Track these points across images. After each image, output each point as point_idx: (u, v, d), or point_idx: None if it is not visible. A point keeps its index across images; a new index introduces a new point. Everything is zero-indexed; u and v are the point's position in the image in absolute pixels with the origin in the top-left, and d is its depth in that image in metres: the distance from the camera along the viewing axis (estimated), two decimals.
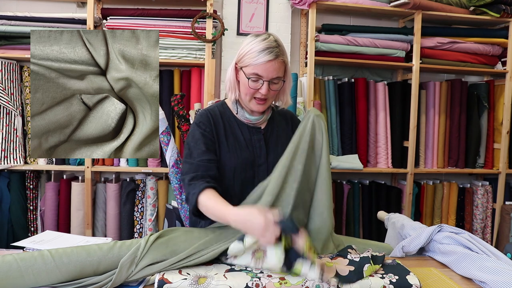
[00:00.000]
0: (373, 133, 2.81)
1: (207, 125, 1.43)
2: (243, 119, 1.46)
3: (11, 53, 2.47)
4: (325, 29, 2.74)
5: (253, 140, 1.45)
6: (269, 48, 1.34)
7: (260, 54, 1.34)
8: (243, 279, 1.04)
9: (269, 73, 1.35)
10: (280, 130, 1.52)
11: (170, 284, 1.01)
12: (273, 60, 1.34)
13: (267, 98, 1.39)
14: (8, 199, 2.54)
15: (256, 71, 1.35)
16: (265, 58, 1.33)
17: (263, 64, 1.34)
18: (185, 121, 2.25)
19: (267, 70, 1.34)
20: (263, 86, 1.36)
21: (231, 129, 1.45)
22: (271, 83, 1.37)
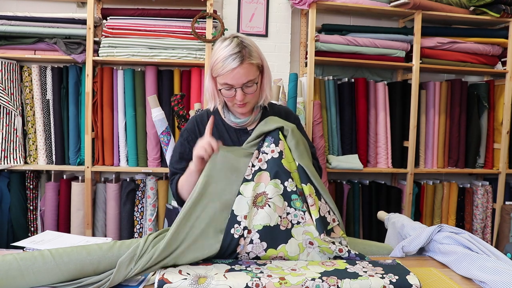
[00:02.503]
0: (373, 133, 2.81)
1: (190, 133, 1.48)
2: (230, 122, 1.46)
3: (11, 53, 2.47)
4: (325, 29, 2.74)
5: (241, 142, 1.43)
6: (232, 55, 1.29)
7: (225, 62, 1.30)
8: (243, 279, 1.04)
9: (238, 80, 1.31)
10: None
11: (170, 284, 1.01)
12: (238, 66, 1.29)
13: (246, 101, 1.37)
14: (8, 199, 2.54)
15: (225, 81, 1.32)
16: (230, 66, 1.29)
17: (229, 73, 1.30)
18: (185, 121, 2.25)
19: (235, 78, 1.31)
20: (237, 93, 1.33)
21: (218, 133, 1.46)
22: (245, 87, 1.33)
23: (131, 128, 2.60)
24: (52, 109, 2.58)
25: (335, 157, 2.72)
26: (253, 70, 1.33)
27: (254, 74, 1.34)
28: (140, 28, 2.52)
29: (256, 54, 1.35)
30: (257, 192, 1.23)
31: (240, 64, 1.29)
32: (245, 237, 1.17)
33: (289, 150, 1.31)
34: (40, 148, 2.58)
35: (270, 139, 1.31)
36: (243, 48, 1.31)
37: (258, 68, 1.36)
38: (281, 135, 1.32)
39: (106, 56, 2.50)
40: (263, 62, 1.39)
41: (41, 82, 2.58)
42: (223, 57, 1.30)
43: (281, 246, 1.18)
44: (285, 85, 2.64)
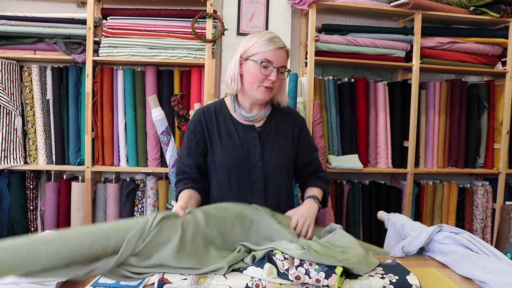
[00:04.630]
0: (373, 133, 2.81)
1: (197, 125, 1.49)
2: (240, 117, 1.48)
3: (11, 53, 2.47)
4: (325, 29, 2.74)
5: (248, 139, 1.46)
6: (276, 38, 1.42)
7: (270, 42, 1.40)
8: (243, 279, 1.04)
9: (279, 60, 1.40)
10: (279, 128, 1.53)
11: (170, 284, 1.01)
12: (281, 48, 1.41)
13: (273, 87, 1.42)
14: (8, 199, 2.54)
15: (267, 57, 1.39)
16: (275, 45, 1.40)
17: (273, 51, 1.39)
18: (185, 121, 2.25)
19: (277, 57, 1.40)
20: (273, 72, 1.39)
21: (225, 127, 1.48)
22: (279, 72, 1.41)
23: (131, 128, 2.60)
24: (52, 109, 2.58)
25: (335, 157, 2.72)
26: (287, 59, 1.45)
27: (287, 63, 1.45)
28: (140, 28, 2.52)
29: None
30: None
31: (284, 47, 1.43)
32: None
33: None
34: (40, 148, 2.58)
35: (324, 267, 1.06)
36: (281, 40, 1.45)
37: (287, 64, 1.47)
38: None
39: (106, 56, 2.50)
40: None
41: (41, 82, 2.58)
42: (268, 37, 1.41)
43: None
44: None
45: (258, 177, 1.45)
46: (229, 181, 1.45)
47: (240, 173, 1.44)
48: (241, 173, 1.45)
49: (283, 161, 1.50)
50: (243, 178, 1.45)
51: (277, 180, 1.49)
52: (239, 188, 1.45)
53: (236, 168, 1.44)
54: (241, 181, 1.45)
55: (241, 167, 1.44)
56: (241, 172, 1.44)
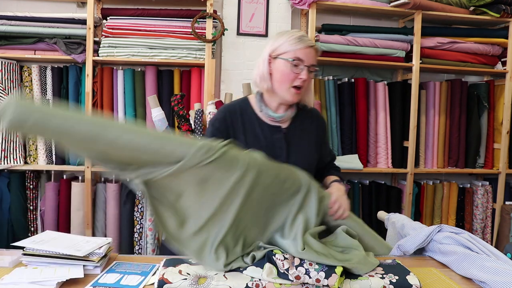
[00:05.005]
0: (373, 133, 2.81)
1: (222, 123, 1.44)
2: (266, 117, 1.45)
3: (11, 53, 2.47)
4: (325, 29, 2.74)
5: (274, 140, 1.43)
6: (306, 36, 1.40)
7: (300, 40, 1.37)
8: (243, 279, 1.04)
9: (309, 58, 1.38)
10: (304, 130, 1.50)
11: (170, 284, 1.01)
12: (311, 47, 1.39)
13: (303, 86, 1.40)
14: (8, 199, 2.54)
15: (297, 55, 1.37)
16: (306, 44, 1.38)
17: (303, 49, 1.37)
18: (185, 121, 2.25)
19: (308, 55, 1.38)
20: (304, 71, 1.37)
21: (251, 128, 1.44)
22: (309, 70, 1.39)
23: None
24: None
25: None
26: (316, 58, 1.42)
27: (316, 63, 1.42)
28: (140, 28, 2.52)
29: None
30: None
31: (314, 46, 1.40)
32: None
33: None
34: (40, 148, 2.58)
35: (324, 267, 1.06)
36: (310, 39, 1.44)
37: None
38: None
39: (106, 56, 2.50)
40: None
41: (41, 82, 2.58)
42: (298, 36, 1.38)
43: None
44: None
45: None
46: None
47: None
48: None
49: (308, 163, 1.46)
50: None
51: None
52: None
53: None
54: None
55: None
56: None
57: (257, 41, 2.76)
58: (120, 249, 2.61)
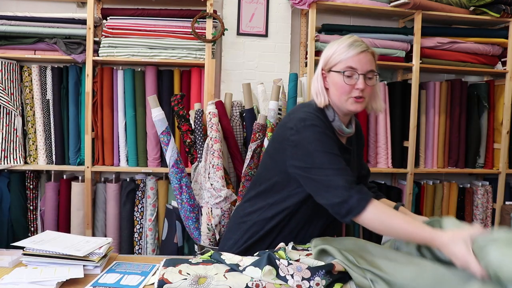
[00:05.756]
0: (373, 133, 2.81)
1: (325, 128, 1.27)
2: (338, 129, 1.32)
3: (11, 53, 2.47)
4: (325, 29, 2.74)
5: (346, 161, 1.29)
6: (357, 41, 1.30)
7: (350, 47, 1.28)
8: (243, 279, 1.04)
9: (363, 65, 1.28)
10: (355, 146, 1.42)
11: (170, 284, 1.01)
12: (364, 51, 1.29)
13: (364, 96, 1.29)
14: (8, 199, 2.54)
15: (349, 64, 1.27)
16: (357, 50, 1.28)
17: (355, 56, 1.27)
18: (185, 121, 2.25)
19: (361, 62, 1.28)
20: (359, 80, 1.27)
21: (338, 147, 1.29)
22: (366, 78, 1.29)
23: (131, 128, 2.60)
24: (52, 109, 2.58)
25: None
26: (374, 62, 1.32)
27: (375, 67, 1.32)
28: (140, 28, 2.52)
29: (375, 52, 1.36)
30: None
31: (366, 50, 1.30)
32: None
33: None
34: (40, 148, 2.58)
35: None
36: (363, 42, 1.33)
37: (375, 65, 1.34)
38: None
39: (106, 56, 2.50)
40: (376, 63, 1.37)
41: (41, 82, 2.58)
42: (347, 43, 1.29)
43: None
44: (285, 85, 2.63)
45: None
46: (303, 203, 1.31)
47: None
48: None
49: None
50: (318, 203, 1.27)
51: None
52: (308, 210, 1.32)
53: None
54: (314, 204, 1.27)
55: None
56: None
57: (257, 41, 2.76)
58: (120, 249, 2.61)
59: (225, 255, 1.14)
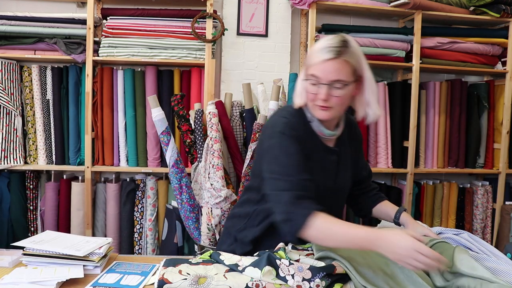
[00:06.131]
0: (373, 133, 2.81)
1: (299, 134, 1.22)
2: (319, 132, 1.27)
3: (11, 53, 2.47)
4: (325, 29, 2.74)
5: (327, 162, 1.28)
6: (330, 47, 1.16)
7: (320, 53, 1.17)
8: (243, 279, 1.04)
9: (327, 74, 1.16)
10: (347, 147, 1.36)
11: (170, 284, 1.01)
12: (330, 59, 1.15)
13: (330, 105, 1.19)
14: (8, 199, 2.54)
15: (313, 72, 1.18)
16: (323, 57, 1.16)
17: (320, 64, 1.16)
18: (185, 121, 2.25)
19: (325, 71, 1.16)
20: (322, 89, 1.17)
21: (311, 148, 1.25)
22: (332, 87, 1.17)
23: (131, 128, 2.60)
24: (52, 109, 2.58)
25: None
26: (346, 70, 1.17)
27: (347, 75, 1.17)
28: (140, 28, 2.52)
29: (357, 59, 1.20)
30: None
31: (334, 58, 1.15)
32: None
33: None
34: (40, 148, 2.58)
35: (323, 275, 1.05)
36: (343, 46, 1.18)
37: (353, 73, 1.19)
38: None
39: (106, 56, 2.50)
40: (364, 72, 1.22)
41: (41, 82, 2.58)
42: (320, 47, 1.18)
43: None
44: (285, 85, 2.64)
45: (329, 204, 1.20)
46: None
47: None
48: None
49: (349, 185, 1.35)
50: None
51: (340, 204, 1.36)
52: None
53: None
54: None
55: (318, 194, 1.18)
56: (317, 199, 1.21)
57: (257, 41, 2.76)
58: (120, 249, 2.61)
59: (224, 255, 1.15)
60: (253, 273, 1.05)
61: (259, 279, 1.04)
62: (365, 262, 1.10)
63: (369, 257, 1.14)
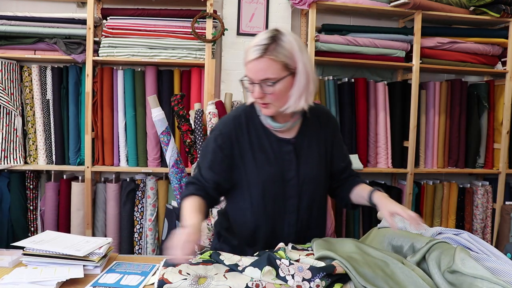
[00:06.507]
0: (373, 133, 2.81)
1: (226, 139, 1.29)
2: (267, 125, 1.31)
3: (11, 53, 2.47)
4: (325, 29, 2.74)
5: (283, 153, 1.31)
6: (257, 45, 1.17)
7: (247, 53, 1.20)
8: (243, 279, 1.04)
9: (255, 74, 1.19)
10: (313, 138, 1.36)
11: (170, 284, 1.01)
12: (255, 59, 1.17)
13: (269, 101, 1.22)
14: (8, 199, 2.54)
15: (246, 72, 1.21)
16: (249, 57, 1.18)
17: (248, 64, 1.19)
18: (185, 121, 2.25)
19: (252, 71, 1.19)
20: (255, 89, 1.20)
21: (258, 141, 1.30)
22: (264, 85, 1.19)
23: (131, 128, 2.60)
24: (52, 109, 2.58)
25: None
26: (274, 68, 1.17)
27: (276, 73, 1.18)
28: (140, 28, 2.52)
29: (287, 53, 1.19)
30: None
31: (259, 57, 1.17)
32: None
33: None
34: (40, 148, 2.58)
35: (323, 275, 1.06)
36: (273, 42, 1.17)
37: (284, 68, 1.19)
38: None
39: (106, 56, 2.50)
40: (297, 64, 1.21)
41: (41, 82, 2.58)
42: (249, 46, 1.20)
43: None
44: None
45: (292, 194, 1.31)
46: (263, 200, 1.30)
47: (274, 190, 1.30)
48: (275, 191, 1.30)
49: (318, 174, 1.35)
50: (278, 196, 1.30)
51: (311, 194, 1.35)
52: (274, 206, 1.31)
53: (271, 186, 1.29)
54: (275, 199, 1.30)
55: (276, 185, 1.29)
56: (275, 189, 1.29)
57: None
58: (120, 249, 2.61)
59: (224, 255, 1.15)
60: (253, 273, 1.05)
61: (259, 279, 1.04)
62: (365, 262, 1.10)
63: (369, 257, 1.14)
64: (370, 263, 1.10)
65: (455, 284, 1.05)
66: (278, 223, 1.33)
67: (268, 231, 1.33)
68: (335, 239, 1.31)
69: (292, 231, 1.34)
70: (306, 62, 1.23)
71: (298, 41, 1.22)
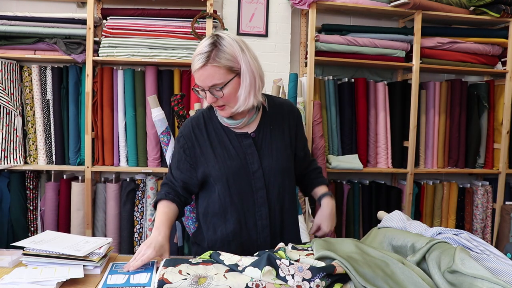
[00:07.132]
0: (373, 133, 2.81)
1: (187, 140, 1.37)
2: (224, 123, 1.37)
3: (11, 53, 2.47)
4: (325, 29, 2.74)
5: (243, 147, 1.35)
6: (199, 55, 1.23)
7: (193, 61, 1.25)
8: (243, 279, 1.04)
9: (203, 81, 1.24)
10: (275, 129, 1.41)
11: (170, 284, 1.01)
12: (201, 68, 1.22)
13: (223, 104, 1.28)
14: (8, 199, 2.54)
15: (195, 81, 1.27)
16: (194, 66, 1.24)
17: (195, 73, 1.25)
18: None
19: (199, 79, 1.24)
20: (206, 95, 1.26)
21: (218, 138, 1.36)
22: (213, 91, 1.25)
23: (131, 128, 2.60)
24: (52, 109, 2.58)
25: (335, 157, 2.72)
26: (219, 73, 1.23)
27: (222, 78, 1.23)
28: (140, 28, 2.52)
29: (229, 57, 1.24)
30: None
31: (203, 65, 1.22)
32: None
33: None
34: (40, 148, 2.58)
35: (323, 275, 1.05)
36: (213, 48, 1.23)
37: (229, 71, 1.24)
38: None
39: (106, 56, 2.50)
40: (240, 65, 1.26)
41: (41, 82, 2.58)
42: (194, 54, 1.25)
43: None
44: (285, 85, 2.64)
45: (260, 186, 1.35)
46: (230, 194, 1.34)
47: (240, 184, 1.34)
48: (241, 184, 1.34)
49: (283, 165, 1.39)
50: (244, 189, 1.34)
51: (279, 185, 1.38)
52: (242, 200, 1.34)
53: (235, 179, 1.33)
54: (242, 192, 1.34)
55: (241, 178, 1.33)
56: (241, 183, 1.34)
57: (257, 41, 2.76)
58: (120, 249, 2.61)
59: (224, 255, 1.14)
60: (253, 273, 1.05)
61: (259, 279, 1.04)
62: (365, 262, 1.10)
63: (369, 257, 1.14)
64: (370, 263, 1.10)
65: (455, 284, 1.05)
66: (249, 216, 1.36)
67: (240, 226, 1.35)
68: (335, 239, 1.30)
69: (265, 223, 1.36)
70: (250, 60, 1.28)
71: (239, 42, 1.28)
